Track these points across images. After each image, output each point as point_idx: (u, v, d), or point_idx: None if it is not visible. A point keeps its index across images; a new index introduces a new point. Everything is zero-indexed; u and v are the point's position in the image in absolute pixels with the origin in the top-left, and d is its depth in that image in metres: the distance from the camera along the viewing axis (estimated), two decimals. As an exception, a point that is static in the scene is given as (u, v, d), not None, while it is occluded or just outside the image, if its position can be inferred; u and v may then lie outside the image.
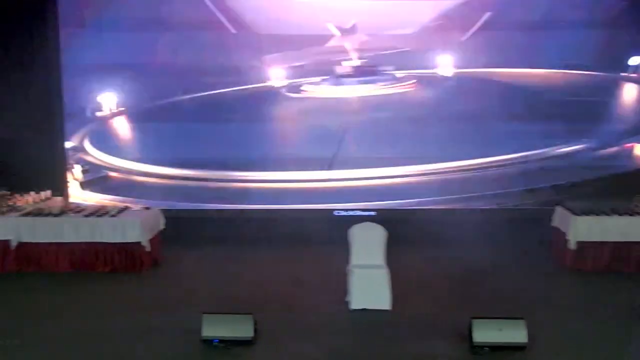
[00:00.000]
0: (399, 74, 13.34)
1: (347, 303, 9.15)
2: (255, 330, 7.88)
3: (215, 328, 7.80)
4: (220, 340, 7.76)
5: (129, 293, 10.00)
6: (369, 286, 9.02)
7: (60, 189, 12.71)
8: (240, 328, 7.80)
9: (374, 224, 9.55)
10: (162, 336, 8.22)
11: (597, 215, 10.89)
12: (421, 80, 13.43)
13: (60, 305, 9.41)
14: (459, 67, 13.19)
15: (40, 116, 12.62)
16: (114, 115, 13.01)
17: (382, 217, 11.48)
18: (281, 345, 7.97)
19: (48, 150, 12.76)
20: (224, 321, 7.85)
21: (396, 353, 7.77)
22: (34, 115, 12.49)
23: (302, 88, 13.33)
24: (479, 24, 12.82)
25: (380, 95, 13.41)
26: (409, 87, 13.41)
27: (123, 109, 13.05)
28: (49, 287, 10.27)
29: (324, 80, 13.34)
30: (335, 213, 12.92)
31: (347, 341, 8.10)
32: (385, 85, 13.42)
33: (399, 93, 13.34)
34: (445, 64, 13.19)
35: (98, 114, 12.98)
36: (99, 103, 12.93)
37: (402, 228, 11.64)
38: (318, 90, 13.35)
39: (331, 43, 13.06)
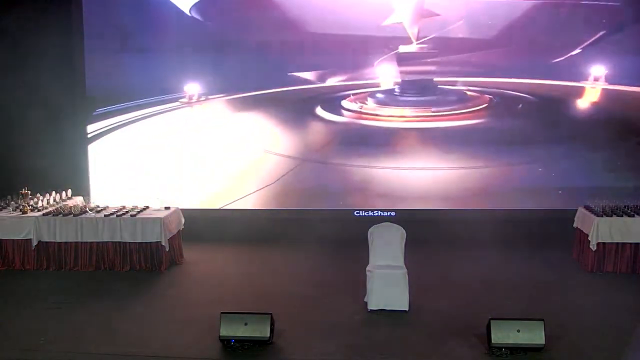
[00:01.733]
0: (464, 84, 12.76)
1: (365, 303, 9.13)
2: (273, 330, 7.89)
3: (232, 327, 7.81)
4: (236, 340, 7.77)
5: (147, 292, 10.05)
6: (388, 287, 8.98)
7: (81, 188, 12.79)
8: (257, 328, 7.80)
9: (394, 225, 9.52)
10: (179, 335, 8.25)
11: (619, 216, 10.79)
12: (497, 100, 12.77)
13: (77, 303, 9.46)
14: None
15: (62, 115, 12.71)
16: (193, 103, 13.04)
17: (402, 218, 11.45)
18: (299, 344, 7.97)
19: (70, 149, 12.87)
20: (241, 320, 7.85)
21: (414, 354, 7.75)
22: (56, 114, 12.57)
23: (342, 104, 12.94)
24: (588, 42, 12.39)
25: (435, 128, 12.81)
26: (476, 117, 12.79)
27: (204, 99, 13.02)
28: (67, 285, 10.33)
29: (370, 94, 12.91)
30: (355, 213, 12.89)
31: (364, 342, 8.07)
32: (443, 110, 12.80)
33: (462, 125, 12.79)
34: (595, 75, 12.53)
35: (181, 100, 13.00)
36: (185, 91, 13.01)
37: (421, 228, 11.63)
38: (358, 109, 12.92)
39: (388, 21, 12.43)
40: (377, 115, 12.93)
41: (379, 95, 12.94)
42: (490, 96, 12.83)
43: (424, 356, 7.70)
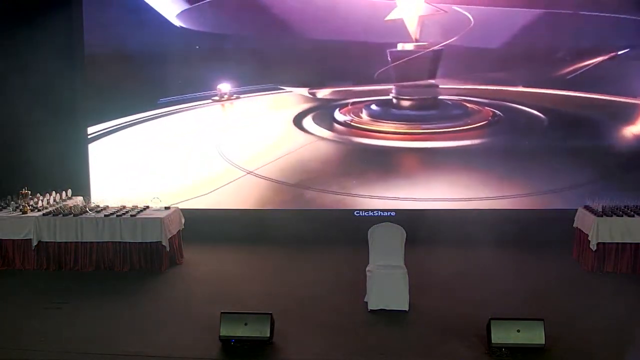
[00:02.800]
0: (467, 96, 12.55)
1: (365, 303, 9.13)
2: (273, 330, 7.89)
3: (232, 327, 7.81)
4: (236, 340, 7.77)
5: (147, 292, 10.05)
6: (388, 287, 8.97)
7: (81, 188, 12.78)
8: (257, 328, 7.80)
9: (394, 224, 9.51)
10: (179, 335, 8.25)
11: (619, 216, 10.78)
12: (500, 116, 12.54)
13: (77, 303, 9.44)
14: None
15: (63, 115, 12.70)
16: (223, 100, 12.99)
17: (402, 218, 11.45)
18: (299, 344, 7.97)
19: (70, 149, 12.87)
20: (241, 320, 7.85)
21: (414, 354, 7.75)
22: (56, 114, 12.56)
23: (335, 116, 12.87)
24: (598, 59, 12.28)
25: (423, 149, 12.67)
26: (471, 138, 12.58)
27: (235, 97, 12.96)
28: (67, 285, 10.32)
29: (367, 105, 12.81)
30: (355, 213, 12.88)
31: (364, 342, 8.07)
32: (434, 128, 12.61)
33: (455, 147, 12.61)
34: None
35: (214, 99, 12.96)
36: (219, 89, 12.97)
37: (421, 228, 11.63)
38: (349, 121, 12.84)
39: (390, 17, 12.23)
40: (366, 130, 12.88)
41: (374, 107, 12.88)
42: (494, 110, 12.72)
43: (424, 356, 7.70)
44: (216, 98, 12.92)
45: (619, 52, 12.25)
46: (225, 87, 12.85)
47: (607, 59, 12.25)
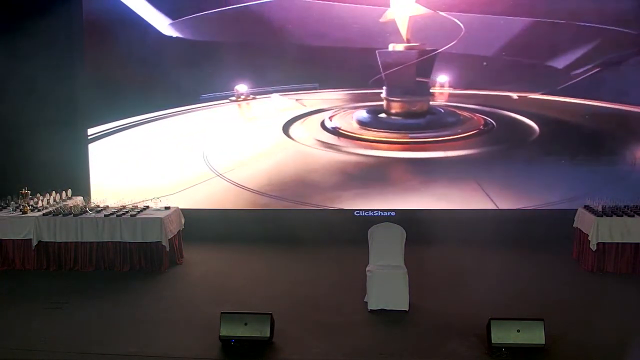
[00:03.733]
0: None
1: (365, 303, 9.13)
2: (273, 330, 7.89)
3: (232, 327, 7.81)
4: (236, 340, 7.77)
5: (147, 292, 10.04)
6: (388, 287, 8.97)
7: (81, 188, 12.78)
8: (257, 328, 7.80)
9: (394, 224, 9.50)
10: (179, 335, 8.25)
11: (619, 216, 10.77)
12: (492, 125, 12.49)
13: (77, 303, 9.44)
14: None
15: (63, 116, 12.68)
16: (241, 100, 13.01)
17: (402, 218, 11.45)
18: (299, 344, 7.96)
19: (70, 149, 12.85)
20: (241, 320, 7.84)
21: (414, 354, 7.74)
22: (57, 115, 12.55)
23: (328, 124, 12.86)
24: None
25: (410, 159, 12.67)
26: (460, 148, 12.51)
27: (251, 97, 12.97)
28: (67, 285, 10.32)
29: (357, 111, 12.80)
30: (356, 213, 12.87)
31: (364, 342, 8.07)
32: (426, 137, 12.55)
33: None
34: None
35: (231, 99, 12.96)
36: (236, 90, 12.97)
37: (422, 228, 11.62)
38: (336, 128, 12.86)
39: (384, 18, 12.21)
40: (355, 139, 12.88)
41: (364, 115, 12.87)
42: (485, 118, 12.69)
43: (424, 356, 7.69)
44: (233, 98, 12.94)
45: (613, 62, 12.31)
46: (242, 87, 12.86)
47: (602, 67, 12.26)
